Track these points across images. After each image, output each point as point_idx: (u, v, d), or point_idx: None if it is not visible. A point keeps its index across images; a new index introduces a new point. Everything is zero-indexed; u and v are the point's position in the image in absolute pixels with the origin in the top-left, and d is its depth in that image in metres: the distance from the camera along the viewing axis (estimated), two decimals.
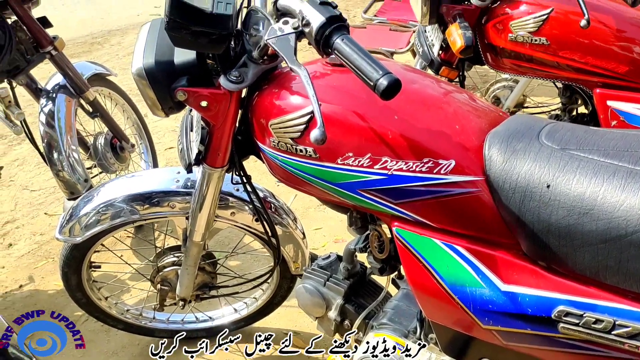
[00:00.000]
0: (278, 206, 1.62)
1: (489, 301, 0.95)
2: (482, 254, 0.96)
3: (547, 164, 0.87)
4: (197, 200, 1.36)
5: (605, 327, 0.84)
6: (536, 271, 0.92)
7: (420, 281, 1.03)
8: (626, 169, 0.82)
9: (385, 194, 1.00)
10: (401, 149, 0.96)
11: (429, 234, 1.00)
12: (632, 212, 0.78)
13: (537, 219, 0.87)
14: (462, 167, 0.94)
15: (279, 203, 1.64)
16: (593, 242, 0.82)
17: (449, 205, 0.96)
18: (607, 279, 0.84)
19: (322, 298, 1.34)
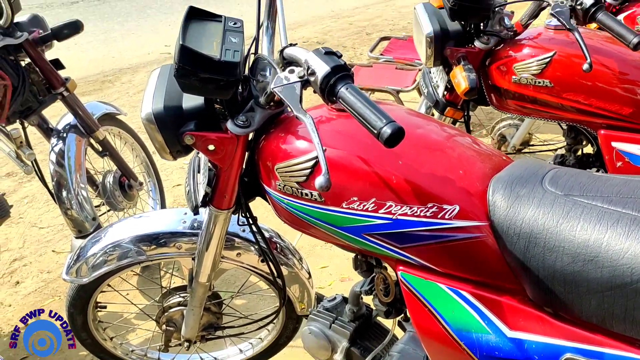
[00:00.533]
0: (284, 246, 1.62)
1: (495, 347, 0.94)
2: (488, 299, 0.96)
3: (551, 209, 0.88)
4: (204, 241, 1.37)
5: None
6: (542, 317, 0.91)
7: (425, 325, 1.02)
8: (630, 216, 0.82)
9: (389, 238, 1.00)
10: (405, 194, 0.97)
11: (434, 279, 1.00)
12: (636, 260, 0.78)
13: (542, 265, 0.87)
14: (466, 212, 0.94)
15: (285, 243, 1.64)
16: (599, 289, 0.82)
17: (453, 250, 0.96)
18: (614, 326, 0.83)
19: (328, 341, 1.33)
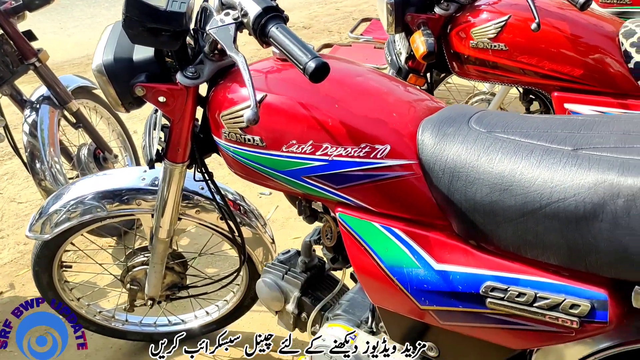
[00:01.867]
0: (248, 209, 1.66)
1: (424, 281, 0.98)
2: (418, 235, 1.00)
3: (473, 145, 0.92)
4: (161, 196, 1.40)
5: (527, 300, 0.87)
6: (466, 250, 0.95)
7: (362, 264, 1.06)
8: (543, 147, 0.86)
9: (327, 179, 1.04)
10: (340, 136, 1.01)
11: (369, 218, 1.04)
12: (545, 186, 0.82)
13: (464, 198, 0.91)
14: (396, 151, 0.98)
15: (249, 207, 1.68)
16: (513, 217, 0.85)
17: (386, 188, 1.00)
18: (528, 253, 0.87)
19: (280, 291, 1.37)
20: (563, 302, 0.85)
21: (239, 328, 1.99)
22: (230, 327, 1.98)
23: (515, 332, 0.92)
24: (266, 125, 1.07)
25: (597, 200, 0.77)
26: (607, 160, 0.79)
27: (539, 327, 0.89)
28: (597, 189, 0.77)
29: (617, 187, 0.76)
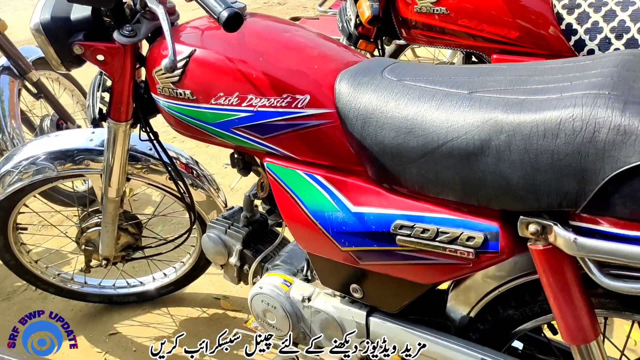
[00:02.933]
0: (201, 174, 1.72)
1: (343, 223, 1.04)
2: (337, 181, 1.05)
3: (384, 92, 0.97)
4: (107, 156, 1.44)
5: (430, 235, 0.94)
6: (379, 192, 1.01)
7: (289, 211, 1.12)
8: (443, 92, 0.91)
9: (253, 130, 1.09)
10: (264, 87, 1.06)
11: (294, 166, 1.09)
12: (442, 127, 0.87)
13: (374, 142, 0.96)
14: (316, 101, 1.03)
15: (203, 172, 1.74)
16: (416, 157, 0.91)
17: (307, 137, 1.05)
18: (431, 191, 0.93)
19: (224, 245, 1.43)
20: (460, 235, 0.91)
21: (198, 290, 2.06)
22: (189, 289, 2.04)
23: (423, 267, 0.99)
24: (195, 79, 1.11)
25: (484, 136, 0.83)
26: (494, 101, 0.84)
27: (442, 261, 0.95)
28: (483, 126, 0.83)
29: (500, 124, 0.81)
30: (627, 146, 0.71)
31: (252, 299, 1.32)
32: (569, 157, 0.76)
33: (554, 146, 0.77)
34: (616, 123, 0.72)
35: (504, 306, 1.06)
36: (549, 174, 0.78)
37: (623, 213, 0.74)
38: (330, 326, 1.23)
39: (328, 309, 1.23)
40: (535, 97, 0.81)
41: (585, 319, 0.86)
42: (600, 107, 0.74)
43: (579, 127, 0.75)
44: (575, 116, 0.75)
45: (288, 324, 1.28)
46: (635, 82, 0.76)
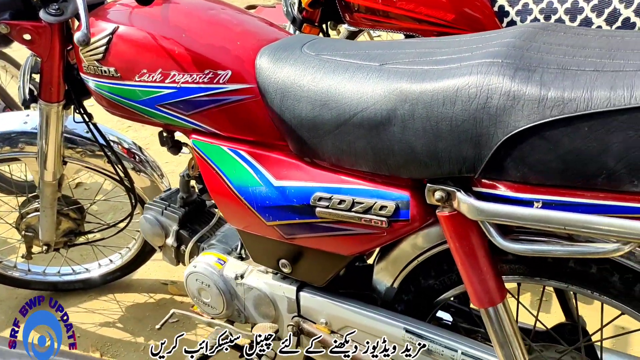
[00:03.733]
0: (144, 160, 1.71)
1: (266, 197, 1.05)
2: (260, 156, 1.07)
3: (301, 66, 0.98)
4: (41, 138, 1.43)
5: (346, 206, 0.96)
6: (300, 166, 1.03)
7: (216, 187, 1.13)
8: (356, 64, 0.93)
9: (177, 106, 1.09)
10: (186, 63, 1.06)
11: (218, 142, 1.10)
12: (353, 98, 0.89)
13: (293, 115, 0.98)
14: (237, 76, 1.04)
15: (146, 157, 1.73)
16: (330, 129, 0.93)
17: (230, 112, 1.06)
18: (346, 163, 0.95)
19: (161, 226, 1.43)
20: (374, 205, 0.93)
21: (146, 276, 2.06)
22: (137, 276, 2.04)
23: (342, 238, 1.00)
24: (119, 56, 1.11)
25: (390, 106, 0.85)
26: (401, 72, 0.86)
27: (359, 231, 0.97)
28: (390, 96, 0.85)
29: (405, 93, 0.83)
30: (516, 111, 0.74)
31: (186, 278, 1.32)
32: (466, 123, 0.78)
33: (452, 113, 0.79)
34: (506, 89, 0.75)
35: (424, 276, 1.08)
36: (449, 140, 0.80)
37: (515, 176, 0.77)
38: (263, 302, 1.25)
39: (260, 286, 1.24)
40: (437, 67, 0.84)
41: (492, 282, 0.89)
42: (492, 74, 0.76)
43: (474, 94, 0.77)
44: (470, 84, 0.77)
45: (222, 302, 1.29)
46: (528, 50, 0.79)
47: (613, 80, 0.69)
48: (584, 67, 0.73)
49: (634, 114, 0.67)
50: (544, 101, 0.72)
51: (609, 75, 0.71)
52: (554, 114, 0.71)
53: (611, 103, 0.68)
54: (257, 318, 1.28)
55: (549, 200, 0.76)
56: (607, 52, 0.76)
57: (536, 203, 0.77)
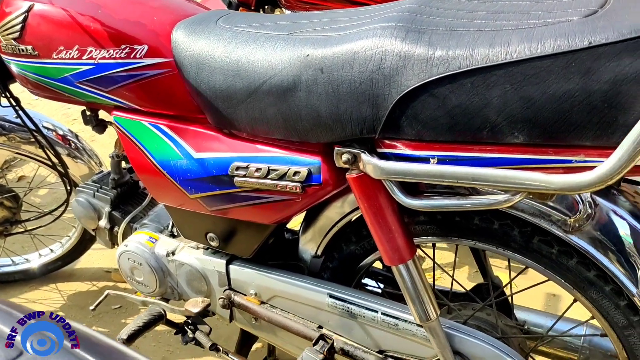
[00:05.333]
0: (80, 147, 1.70)
1: (187, 170, 1.07)
2: (180, 129, 1.08)
3: (215, 39, 1.00)
4: None
5: (262, 174, 0.98)
6: (219, 137, 1.04)
7: (138, 163, 1.13)
8: (266, 35, 0.95)
9: (96, 83, 1.10)
10: (103, 39, 1.06)
11: (139, 118, 1.11)
12: (262, 66, 0.91)
13: (208, 86, 0.99)
14: (153, 51, 1.05)
15: (82, 144, 1.72)
16: (243, 98, 0.95)
17: (148, 87, 1.07)
18: (260, 131, 0.97)
19: (93, 209, 1.43)
20: (288, 171, 0.96)
21: (88, 265, 2.04)
22: (79, 265, 2.02)
23: (262, 206, 1.03)
24: (35, 34, 1.11)
25: (295, 72, 0.87)
26: (306, 39, 0.89)
27: (276, 198, 1.00)
28: (295, 63, 0.87)
29: (308, 59, 0.86)
30: (407, 70, 0.77)
31: (119, 258, 1.33)
32: (363, 84, 0.81)
33: (350, 75, 0.82)
34: (398, 50, 0.78)
35: (346, 242, 1.12)
36: (349, 102, 0.83)
37: (412, 134, 0.81)
38: (194, 278, 1.26)
39: (191, 261, 1.25)
40: (338, 34, 0.87)
41: (401, 240, 0.93)
42: (386, 37, 0.79)
43: (370, 56, 0.80)
44: (366, 47, 0.81)
45: (155, 280, 1.30)
46: (421, 14, 0.82)
47: (492, 39, 0.74)
48: (469, 28, 0.77)
49: (510, 69, 0.71)
50: (432, 60, 0.76)
51: (490, 34, 0.75)
52: (440, 71, 0.75)
53: (489, 59, 0.72)
54: (190, 294, 1.30)
55: (443, 155, 0.80)
56: (492, 14, 0.80)
57: (432, 159, 0.81)
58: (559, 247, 0.91)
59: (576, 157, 0.73)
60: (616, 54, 0.67)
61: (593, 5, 0.75)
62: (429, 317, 0.97)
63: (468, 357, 1.01)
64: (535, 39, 0.71)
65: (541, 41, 0.70)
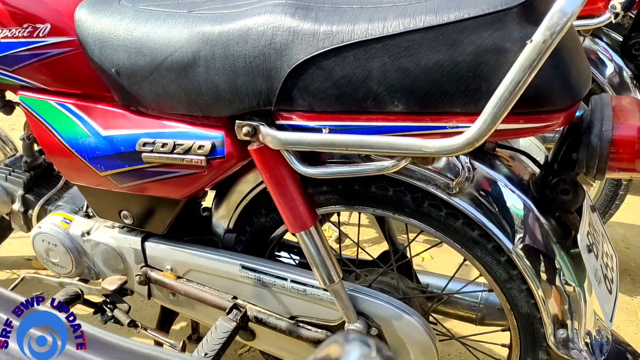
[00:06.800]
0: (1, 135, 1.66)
1: (96, 148, 1.08)
2: (87, 108, 1.09)
3: (119, 17, 1.01)
4: None
5: (169, 149, 1.01)
6: (126, 115, 1.06)
7: (47, 143, 1.14)
8: (168, 13, 0.98)
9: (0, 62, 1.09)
10: (4, 18, 1.06)
11: (46, 97, 1.11)
12: (163, 43, 0.94)
13: (112, 65, 1.01)
14: (57, 29, 1.05)
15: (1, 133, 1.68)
16: (147, 75, 0.97)
17: (53, 66, 1.08)
18: (165, 107, 1.00)
19: (6, 193, 1.41)
20: (193, 145, 0.99)
21: (9, 253, 2.00)
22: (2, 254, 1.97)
23: (170, 180, 1.06)
24: None
25: (194, 48, 0.91)
26: (205, 17, 0.92)
27: (183, 172, 1.03)
28: (193, 39, 0.91)
29: (206, 35, 0.90)
30: (296, 45, 0.82)
31: (33, 240, 1.32)
32: (257, 59, 0.86)
33: (245, 51, 0.86)
34: (288, 26, 0.83)
35: (256, 215, 1.16)
36: (245, 76, 0.87)
37: (304, 106, 0.86)
38: (110, 257, 1.28)
39: (107, 240, 1.27)
40: (234, 11, 0.90)
41: (302, 208, 0.99)
42: (277, 13, 0.84)
43: (262, 32, 0.85)
44: (258, 23, 0.85)
45: (71, 260, 1.30)
46: None
47: (372, 15, 0.80)
48: (352, 5, 0.83)
49: (387, 42, 0.78)
50: (318, 35, 0.81)
51: (370, 10, 0.81)
52: (326, 45, 0.80)
53: (369, 33, 0.78)
54: (107, 273, 1.31)
55: (334, 125, 0.86)
56: None
57: (324, 129, 0.87)
58: (446, 210, 0.99)
59: (449, 124, 0.80)
60: (477, 27, 0.74)
61: None
62: (332, 280, 1.03)
63: (371, 317, 1.08)
64: (409, 15, 0.77)
65: (414, 17, 0.77)
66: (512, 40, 0.73)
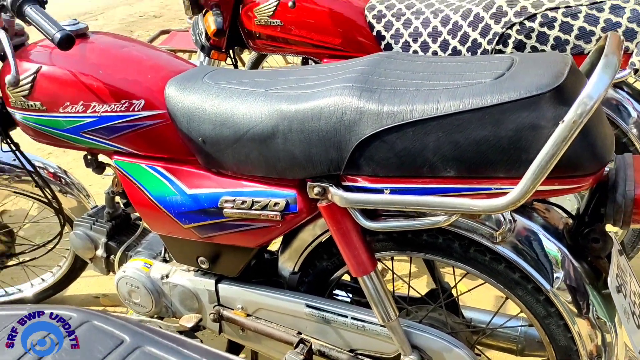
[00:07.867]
0: (70, 182, 1.86)
1: (182, 204, 1.26)
2: (174, 170, 1.27)
3: (204, 94, 1.19)
4: None
5: (248, 205, 1.18)
6: (208, 176, 1.24)
7: (137, 199, 1.31)
8: (247, 91, 1.16)
9: (99, 132, 1.28)
10: (104, 95, 1.25)
11: (138, 161, 1.30)
12: (245, 118, 1.12)
13: (198, 135, 1.19)
14: (149, 104, 1.24)
15: (72, 180, 1.88)
16: (230, 144, 1.15)
17: (145, 135, 1.26)
18: (245, 170, 1.17)
19: (90, 240, 1.59)
20: (269, 203, 1.16)
21: (77, 292, 2.18)
22: (68, 292, 2.15)
23: (247, 232, 1.22)
24: (43, 92, 1.28)
25: (273, 123, 1.08)
26: (281, 96, 1.10)
27: (259, 225, 1.20)
28: (272, 115, 1.08)
29: (284, 113, 1.07)
30: (363, 122, 0.99)
31: (117, 283, 1.49)
32: (329, 133, 1.02)
33: (319, 126, 1.03)
34: (355, 106, 1.00)
35: (319, 259, 1.32)
36: (319, 147, 1.04)
37: (369, 171, 1.02)
38: (187, 297, 1.44)
39: (184, 282, 1.43)
40: (307, 91, 1.08)
41: (364, 256, 1.14)
42: (345, 95, 1.01)
43: (333, 111, 1.01)
44: (329, 104, 1.02)
45: (151, 301, 1.47)
46: (372, 75, 1.04)
47: (427, 97, 0.96)
48: (409, 87, 0.99)
49: (440, 121, 0.94)
50: (381, 114, 0.98)
51: (425, 93, 0.97)
52: (388, 123, 0.97)
53: (425, 113, 0.94)
54: (183, 311, 1.47)
55: (394, 187, 1.02)
56: (427, 74, 1.03)
57: (386, 190, 1.03)
58: (490, 255, 1.13)
59: (494, 186, 0.96)
60: (516, 109, 0.90)
61: (502, 68, 0.98)
62: (390, 317, 1.17)
63: (424, 350, 1.22)
64: (458, 97, 0.94)
65: (462, 99, 0.93)
66: (546, 119, 0.89)
